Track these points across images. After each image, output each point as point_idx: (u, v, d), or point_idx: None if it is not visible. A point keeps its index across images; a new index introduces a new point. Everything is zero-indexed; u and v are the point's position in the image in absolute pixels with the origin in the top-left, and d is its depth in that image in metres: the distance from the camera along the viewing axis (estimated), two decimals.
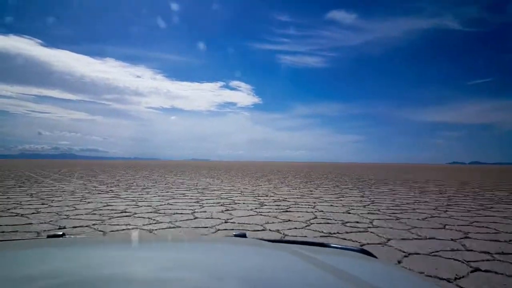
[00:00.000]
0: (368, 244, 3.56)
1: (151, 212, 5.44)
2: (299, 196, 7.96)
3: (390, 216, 5.32)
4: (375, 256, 0.95)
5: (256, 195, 8.25)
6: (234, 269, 0.74)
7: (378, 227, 4.43)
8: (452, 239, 3.75)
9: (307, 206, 6.31)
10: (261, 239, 1.10)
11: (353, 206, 6.40)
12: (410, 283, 0.74)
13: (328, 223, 4.70)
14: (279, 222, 4.76)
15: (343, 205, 6.51)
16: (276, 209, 5.96)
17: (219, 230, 4.20)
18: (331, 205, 6.50)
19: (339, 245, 1.03)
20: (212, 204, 6.44)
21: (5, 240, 1.22)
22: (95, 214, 5.25)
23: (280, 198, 7.52)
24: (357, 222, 4.72)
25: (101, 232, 4.06)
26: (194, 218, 4.97)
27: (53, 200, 6.78)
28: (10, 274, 0.66)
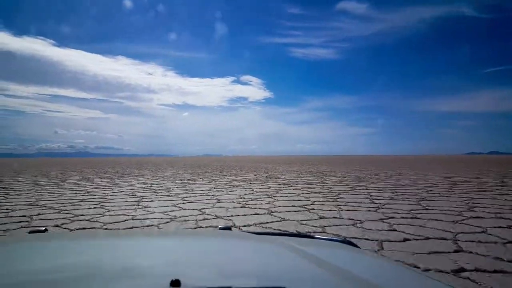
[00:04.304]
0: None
1: None
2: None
3: None
4: (358, 247, 0.98)
5: None
6: (221, 261, 0.75)
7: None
8: None
9: None
10: (247, 231, 1.11)
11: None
12: (392, 272, 0.77)
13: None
14: None
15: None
16: None
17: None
18: None
19: (324, 236, 1.06)
20: None
21: None
22: None
23: None
24: None
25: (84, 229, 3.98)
26: None
27: None
28: None
